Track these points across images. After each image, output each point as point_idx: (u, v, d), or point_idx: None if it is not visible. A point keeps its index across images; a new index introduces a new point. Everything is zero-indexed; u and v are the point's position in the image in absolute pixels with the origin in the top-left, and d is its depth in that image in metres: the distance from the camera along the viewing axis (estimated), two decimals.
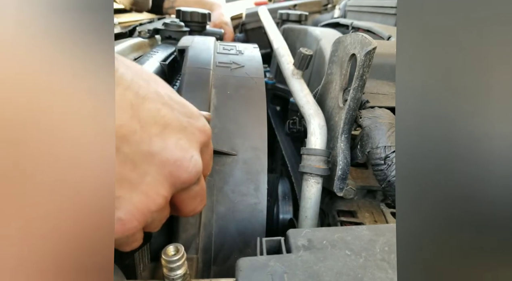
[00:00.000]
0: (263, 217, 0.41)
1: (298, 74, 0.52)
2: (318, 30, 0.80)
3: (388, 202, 0.49)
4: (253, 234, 0.40)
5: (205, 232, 0.40)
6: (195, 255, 0.38)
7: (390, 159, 0.38)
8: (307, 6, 1.67)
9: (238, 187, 0.42)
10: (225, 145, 0.45)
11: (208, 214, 0.40)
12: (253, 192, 0.42)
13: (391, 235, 0.29)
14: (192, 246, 0.38)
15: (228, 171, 0.43)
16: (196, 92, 0.49)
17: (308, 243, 0.28)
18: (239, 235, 0.40)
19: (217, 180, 0.42)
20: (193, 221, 0.39)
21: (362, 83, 0.39)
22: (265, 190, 0.42)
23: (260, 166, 0.44)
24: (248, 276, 0.25)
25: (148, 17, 1.45)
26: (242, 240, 0.40)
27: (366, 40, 0.38)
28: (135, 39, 0.82)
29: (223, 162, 0.44)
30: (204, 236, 0.39)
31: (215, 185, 0.42)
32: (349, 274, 0.25)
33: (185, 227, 0.39)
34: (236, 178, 0.43)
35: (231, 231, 0.40)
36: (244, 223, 0.40)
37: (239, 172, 0.43)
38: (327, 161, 0.44)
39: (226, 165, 0.44)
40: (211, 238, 0.40)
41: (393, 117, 0.43)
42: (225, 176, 0.43)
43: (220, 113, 0.47)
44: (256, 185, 0.43)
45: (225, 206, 0.41)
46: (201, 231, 0.39)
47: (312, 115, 0.47)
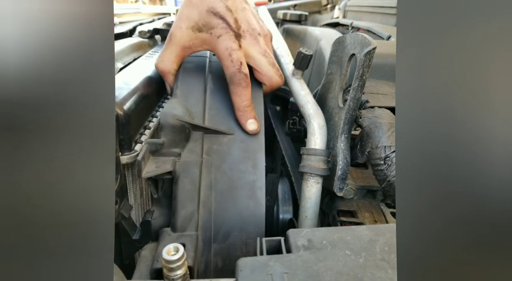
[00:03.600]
0: (262, 194, 0.41)
1: (298, 74, 0.52)
2: (318, 30, 0.80)
3: (388, 202, 0.49)
4: (253, 210, 0.40)
5: (204, 209, 0.39)
6: (194, 233, 0.38)
7: (390, 159, 0.38)
8: (307, 6, 1.67)
9: (236, 165, 0.42)
10: (222, 125, 0.45)
11: (207, 192, 0.40)
12: (251, 169, 0.42)
13: (391, 235, 0.29)
14: (192, 223, 0.38)
15: (225, 149, 0.43)
16: (193, 76, 0.49)
17: (308, 243, 0.28)
18: (239, 212, 0.40)
19: (215, 158, 0.43)
20: (192, 198, 0.39)
21: (362, 83, 0.39)
22: (263, 168, 0.42)
23: (258, 144, 0.44)
24: (248, 276, 0.25)
25: (148, 17, 1.45)
26: (241, 217, 0.40)
27: (366, 40, 0.38)
28: (135, 39, 0.82)
29: (220, 141, 0.44)
30: (203, 213, 0.39)
31: (213, 163, 0.42)
32: (349, 274, 0.25)
33: (184, 204, 0.38)
34: (234, 156, 0.43)
35: (230, 209, 0.40)
36: (243, 200, 0.40)
37: (237, 151, 0.43)
38: (327, 161, 0.44)
39: (223, 144, 0.44)
40: (211, 215, 0.39)
41: (393, 117, 0.43)
42: (223, 155, 0.43)
43: (216, 96, 0.48)
44: (254, 162, 0.43)
45: (223, 184, 0.41)
46: (200, 208, 0.39)
47: (312, 115, 0.47)
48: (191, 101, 0.47)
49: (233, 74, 0.44)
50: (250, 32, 0.46)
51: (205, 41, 0.46)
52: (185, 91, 0.48)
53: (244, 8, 0.47)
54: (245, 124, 0.45)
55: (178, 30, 0.46)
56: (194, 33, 0.46)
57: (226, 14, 0.44)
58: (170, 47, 0.48)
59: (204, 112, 0.46)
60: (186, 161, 0.41)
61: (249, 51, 0.46)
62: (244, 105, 0.45)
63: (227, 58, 0.44)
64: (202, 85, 0.49)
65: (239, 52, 0.45)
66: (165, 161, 0.41)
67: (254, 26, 0.47)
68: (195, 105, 0.46)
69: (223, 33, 0.44)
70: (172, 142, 0.42)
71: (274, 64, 0.48)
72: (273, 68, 0.48)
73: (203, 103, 0.47)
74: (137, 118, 0.47)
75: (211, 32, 0.45)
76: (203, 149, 0.43)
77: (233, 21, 0.45)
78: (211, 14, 0.44)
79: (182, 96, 0.47)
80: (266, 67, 0.47)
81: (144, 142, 0.42)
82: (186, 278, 0.27)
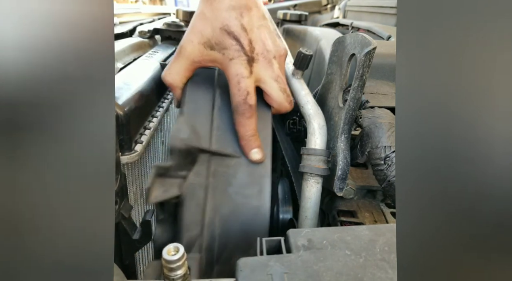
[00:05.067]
0: (266, 220, 0.41)
1: (298, 74, 0.52)
2: (318, 30, 0.80)
3: (388, 202, 0.49)
4: (256, 235, 0.40)
5: (209, 232, 0.40)
6: (198, 254, 0.38)
7: (390, 159, 0.38)
8: (307, 6, 1.67)
9: (241, 189, 0.42)
10: (229, 146, 0.45)
11: (211, 215, 0.40)
12: (256, 194, 0.42)
13: (391, 235, 0.29)
14: (196, 246, 0.38)
15: (232, 172, 0.43)
16: (201, 92, 0.48)
17: (308, 243, 0.28)
18: (242, 236, 0.40)
19: (221, 181, 0.42)
20: (197, 221, 0.39)
21: (362, 83, 0.39)
22: (268, 193, 0.42)
23: (264, 169, 0.44)
24: (248, 276, 0.25)
25: (148, 17, 1.45)
26: (245, 241, 0.40)
27: (366, 40, 0.38)
28: (135, 39, 0.82)
29: (226, 164, 0.43)
30: (208, 236, 0.39)
31: (219, 186, 0.42)
32: (349, 274, 0.25)
33: (189, 227, 0.39)
34: (240, 180, 0.43)
35: (234, 232, 0.40)
36: (247, 225, 0.40)
37: (243, 174, 0.43)
38: (327, 161, 0.44)
39: (230, 167, 0.43)
40: (215, 238, 0.40)
41: (393, 117, 0.43)
42: (229, 178, 0.43)
43: (224, 114, 0.47)
44: (260, 187, 0.42)
45: (228, 207, 0.41)
46: (204, 231, 0.39)
47: (312, 115, 0.47)
48: (199, 120, 0.46)
49: (238, 104, 0.43)
50: (265, 54, 0.45)
51: (216, 60, 0.45)
52: (192, 110, 0.47)
53: (260, 26, 0.45)
54: (248, 154, 0.44)
55: (189, 44, 0.45)
56: (206, 50, 0.45)
57: (240, 34, 0.43)
58: (180, 60, 0.47)
59: (211, 132, 0.46)
60: (192, 183, 0.41)
61: (261, 75, 0.45)
62: (248, 135, 0.44)
63: (235, 86, 0.43)
64: (210, 102, 0.48)
65: (248, 80, 0.43)
66: (172, 183, 0.41)
67: (269, 47, 0.45)
68: (202, 124, 0.46)
69: (236, 57, 0.43)
70: (179, 165, 0.42)
71: (285, 90, 0.47)
72: (284, 94, 0.47)
73: (210, 123, 0.46)
74: (137, 118, 0.47)
75: (223, 53, 0.44)
76: (209, 171, 0.43)
77: (247, 43, 0.43)
78: (225, 33, 0.43)
79: (189, 115, 0.46)
80: (276, 93, 0.46)
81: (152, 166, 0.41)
82: (186, 278, 0.27)
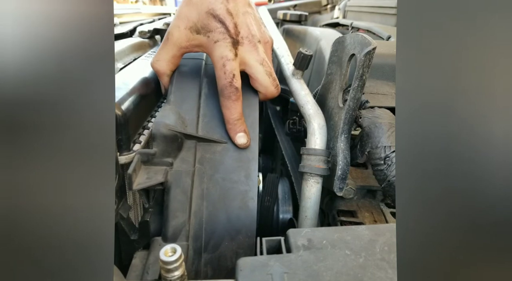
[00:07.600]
0: (254, 204, 0.41)
1: (298, 74, 0.52)
2: (318, 30, 0.80)
3: (388, 202, 0.49)
4: (244, 221, 0.40)
5: (196, 219, 0.39)
6: (185, 242, 0.37)
7: (390, 159, 0.38)
8: (307, 6, 1.67)
9: (229, 175, 0.42)
10: (215, 133, 0.45)
11: (198, 202, 0.40)
12: (243, 179, 0.42)
13: (391, 235, 0.29)
14: (182, 233, 0.38)
15: (218, 158, 0.43)
16: (188, 80, 0.49)
17: (308, 242, 0.28)
18: (230, 222, 0.40)
19: (208, 168, 0.42)
20: (183, 209, 0.39)
21: (362, 83, 0.39)
22: (255, 177, 0.42)
23: (251, 154, 0.44)
24: (248, 276, 0.25)
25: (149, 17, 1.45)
26: (233, 227, 0.40)
27: (366, 40, 0.38)
28: (135, 39, 0.82)
29: (213, 150, 0.43)
30: (195, 223, 0.39)
31: (206, 172, 0.42)
32: (349, 274, 0.25)
33: (175, 214, 0.38)
34: (227, 165, 0.43)
35: (221, 218, 0.40)
36: (234, 210, 0.40)
37: (230, 160, 0.43)
38: (327, 160, 0.44)
39: (216, 153, 0.43)
40: (202, 225, 0.39)
41: (393, 117, 0.43)
42: (215, 164, 0.42)
43: (211, 102, 0.47)
44: (247, 172, 0.42)
45: (215, 193, 0.41)
46: (191, 218, 0.39)
47: (312, 115, 0.47)
48: (185, 107, 0.46)
49: (224, 87, 0.43)
50: (250, 38, 0.45)
51: (201, 44, 0.45)
52: (179, 97, 0.47)
53: (246, 12, 0.46)
54: (234, 138, 0.44)
55: (176, 29, 0.46)
56: (192, 34, 0.45)
57: (226, 18, 0.43)
58: (167, 47, 0.47)
59: (198, 119, 0.46)
60: (178, 170, 0.41)
61: (246, 58, 0.45)
62: (233, 118, 0.44)
63: (220, 69, 0.43)
64: (196, 90, 0.48)
65: (233, 62, 0.44)
66: (156, 171, 0.40)
67: (254, 32, 0.46)
68: (189, 112, 0.46)
69: (220, 39, 0.43)
70: (164, 152, 0.41)
71: (271, 74, 0.47)
72: (270, 78, 0.47)
73: (197, 110, 0.46)
74: (135, 118, 0.47)
75: (208, 36, 0.44)
76: (196, 158, 0.43)
77: (232, 26, 0.44)
78: (211, 16, 0.43)
79: (175, 103, 0.46)
80: (262, 76, 0.46)
81: (135, 152, 0.41)
82: (184, 279, 0.27)
